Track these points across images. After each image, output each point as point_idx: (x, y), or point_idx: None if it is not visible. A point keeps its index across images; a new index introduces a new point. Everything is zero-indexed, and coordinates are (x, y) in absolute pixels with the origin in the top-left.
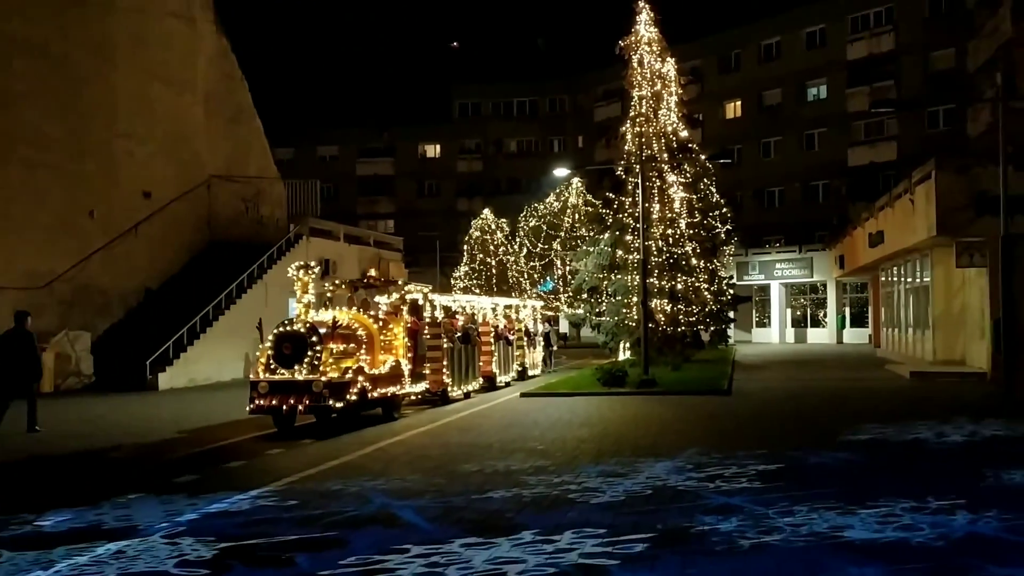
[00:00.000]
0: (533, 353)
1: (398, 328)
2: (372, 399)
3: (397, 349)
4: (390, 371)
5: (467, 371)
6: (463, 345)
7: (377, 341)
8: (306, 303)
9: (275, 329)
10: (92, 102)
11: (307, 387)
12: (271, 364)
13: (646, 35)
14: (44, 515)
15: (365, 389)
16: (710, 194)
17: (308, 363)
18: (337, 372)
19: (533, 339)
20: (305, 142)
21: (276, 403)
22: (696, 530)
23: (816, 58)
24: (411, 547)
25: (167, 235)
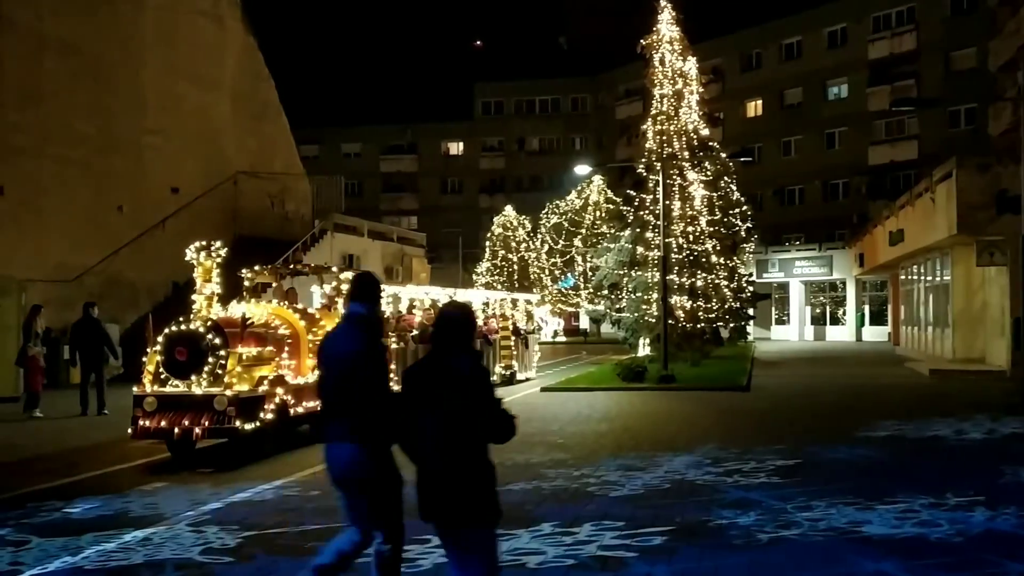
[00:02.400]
0: (526, 354)
1: (332, 325)
2: (296, 416)
3: None
4: None
5: None
6: (420, 346)
7: (304, 342)
8: (209, 295)
9: (167, 328)
10: (121, 99)
11: (207, 404)
12: (161, 374)
13: (668, 34)
14: (73, 502)
15: (286, 404)
16: (730, 192)
17: (209, 372)
18: (248, 383)
19: (525, 338)
20: (330, 139)
21: (165, 425)
22: (714, 524)
23: (837, 57)
24: (431, 538)
25: (194, 230)
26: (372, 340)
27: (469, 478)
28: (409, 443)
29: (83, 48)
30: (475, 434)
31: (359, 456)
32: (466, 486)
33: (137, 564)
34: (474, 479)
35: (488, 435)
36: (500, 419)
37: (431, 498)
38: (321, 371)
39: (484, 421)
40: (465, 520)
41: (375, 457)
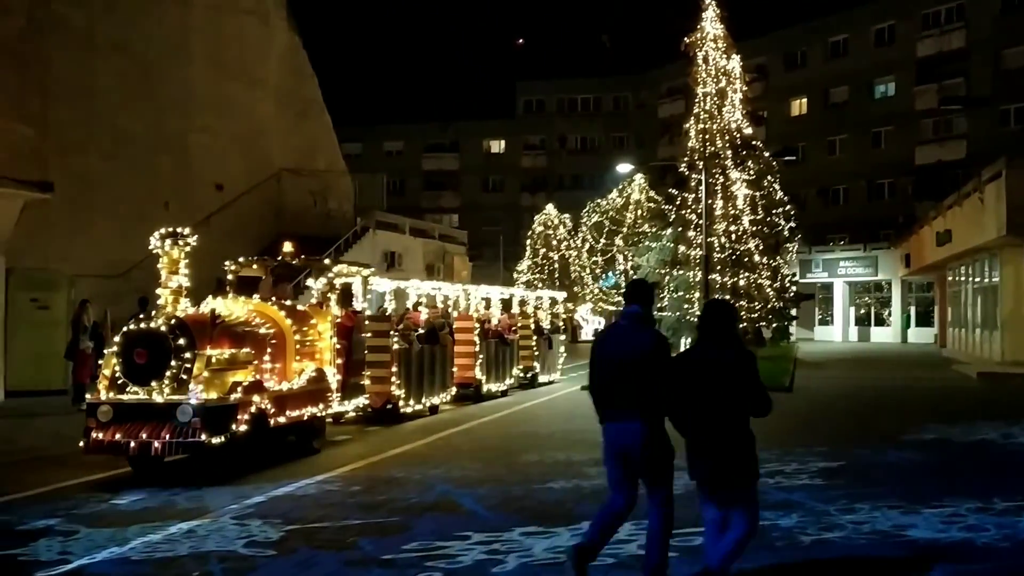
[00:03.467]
0: (548, 355)
1: (324, 324)
2: (277, 426)
3: (322, 353)
4: (309, 385)
5: (431, 379)
6: (426, 346)
7: (290, 343)
8: (175, 288)
9: (125, 327)
10: (168, 97)
11: (168, 413)
12: (119, 379)
13: (711, 32)
14: (120, 494)
15: (264, 413)
16: (774, 191)
17: (172, 378)
18: (218, 390)
19: (548, 338)
20: (372, 137)
21: (122, 437)
22: None
23: (884, 55)
24: (472, 534)
25: (238, 227)
26: (656, 335)
27: (735, 446)
28: (680, 419)
29: (132, 47)
30: (740, 411)
31: (642, 433)
32: (733, 452)
33: (182, 556)
34: (739, 447)
35: (751, 411)
36: (761, 398)
37: (703, 464)
38: (597, 363)
39: (748, 400)
40: (731, 480)
41: (654, 434)
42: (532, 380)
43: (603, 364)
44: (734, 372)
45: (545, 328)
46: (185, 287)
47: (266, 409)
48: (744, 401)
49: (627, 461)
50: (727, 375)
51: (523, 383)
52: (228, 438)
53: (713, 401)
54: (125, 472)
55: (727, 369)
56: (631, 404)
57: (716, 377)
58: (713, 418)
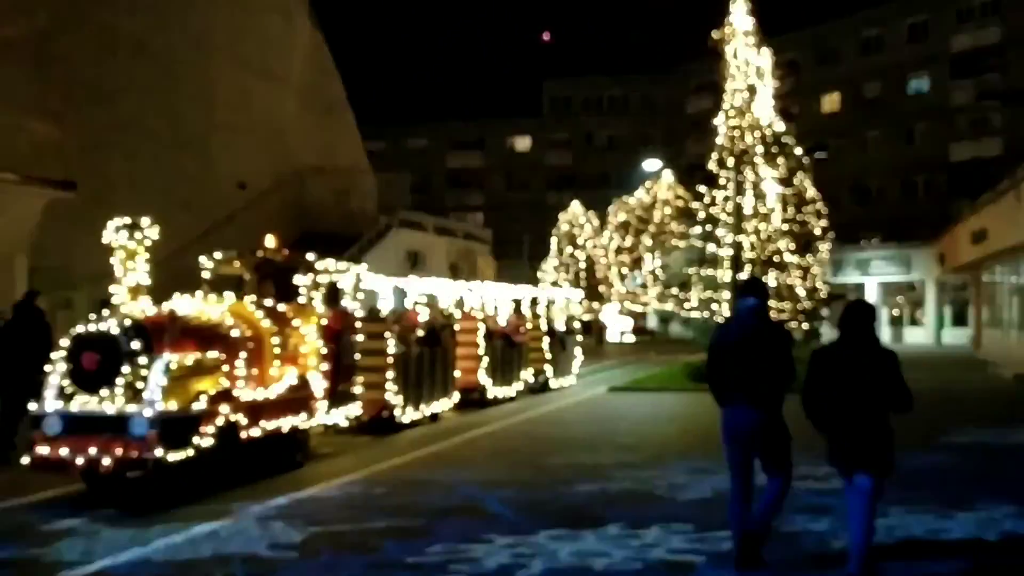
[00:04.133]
0: (562, 358)
1: (308, 326)
2: (251, 440)
3: (306, 358)
4: (290, 393)
5: (431, 385)
6: (426, 348)
7: (268, 347)
8: (134, 286)
9: (73, 328)
10: (191, 95)
11: (120, 426)
12: (67, 387)
13: (741, 27)
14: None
15: (235, 425)
16: (805, 189)
17: (125, 386)
18: (179, 399)
19: (562, 340)
20: (395, 135)
21: (68, 453)
22: (786, 529)
23: (918, 50)
24: (496, 537)
25: (261, 225)
26: (771, 326)
27: (875, 437)
28: (816, 411)
29: (155, 45)
30: (880, 405)
31: (758, 418)
32: (872, 442)
33: (204, 558)
34: (879, 438)
35: (892, 406)
36: (902, 394)
37: (843, 451)
38: (716, 352)
39: (889, 395)
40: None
41: (772, 419)
42: (544, 385)
43: (721, 353)
44: (876, 369)
45: (558, 329)
46: (143, 284)
47: (238, 421)
48: (885, 396)
49: (744, 444)
50: (869, 372)
51: (533, 388)
52: (190, 453)
53: (855, 395)
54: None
55: (869, 366)
56: (747, 390)
57: (858, 373)
58: (855, 411)
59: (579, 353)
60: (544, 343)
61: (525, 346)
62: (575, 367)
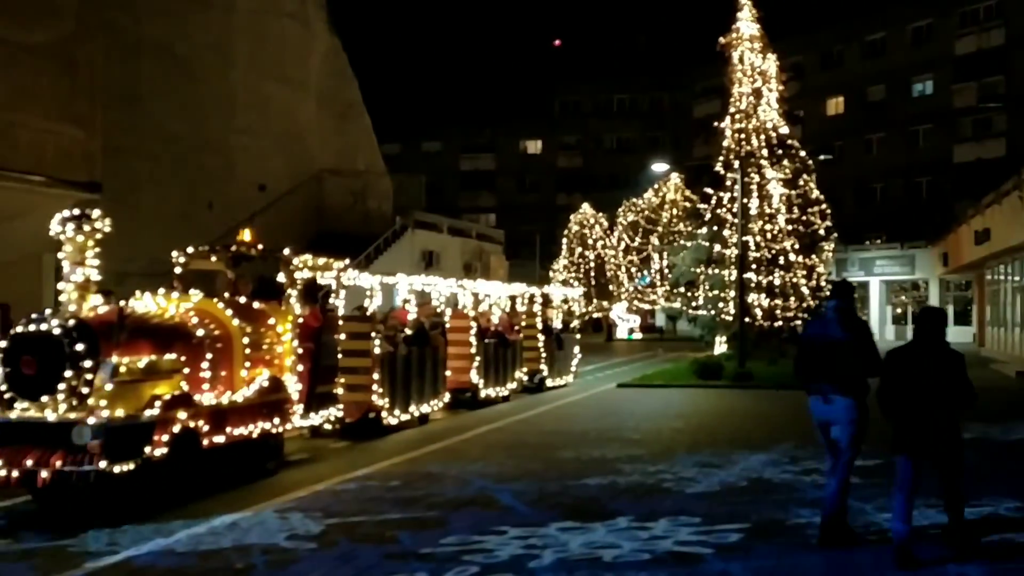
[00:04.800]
0: (559, 356)
1: (284, 325)
2: (214, 447)
3: (281, 359)
4: (261, 396)
5: (420, 385)
6: (414, 348)
7: (238, 348)
8: (81, 283)
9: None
10: (212, 99)
11: (62, 435)
12: (5, 392)
13: (747, 31)
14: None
15: (195, 433)
16: (810, 190)
17: (68, 391)
18: (129, 405)
19: (559, 338)
20: (411, 138)
21: (2, 465)
22: (792, 522)
23: (922, 53)
24: (508, 529)
25: (280, 226)
26: (853, 324)
27: (944, 427)
28: (889, 403)
29: (177, 50)
30: (947, 400)
31: (843, 407)
32: (941, 432)
33: (225, 548)
34: (947, 429)
35: (959, 401)
36: (967, 391)
37: (913, 439)
38: (804, 347)
39: (956, 392)
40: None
41: (856, 407)
42: (539, 384)
43: (808, 348)
44: (943, 368)
45: (555, 327)
46: (93, 280)
47: (198, 427)
48: (951, 392)
49: (828, 429)
50: (937, 370)
51: (529, 388)
52: (139, 464)
53: (925, 391)
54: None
55: (937, 365)
56: (829, 381)
57: (928, 371)
58: (925, 405)
59: (577, 352)
60: (539, 341)
61: (519, 344)
62: (573, 366)
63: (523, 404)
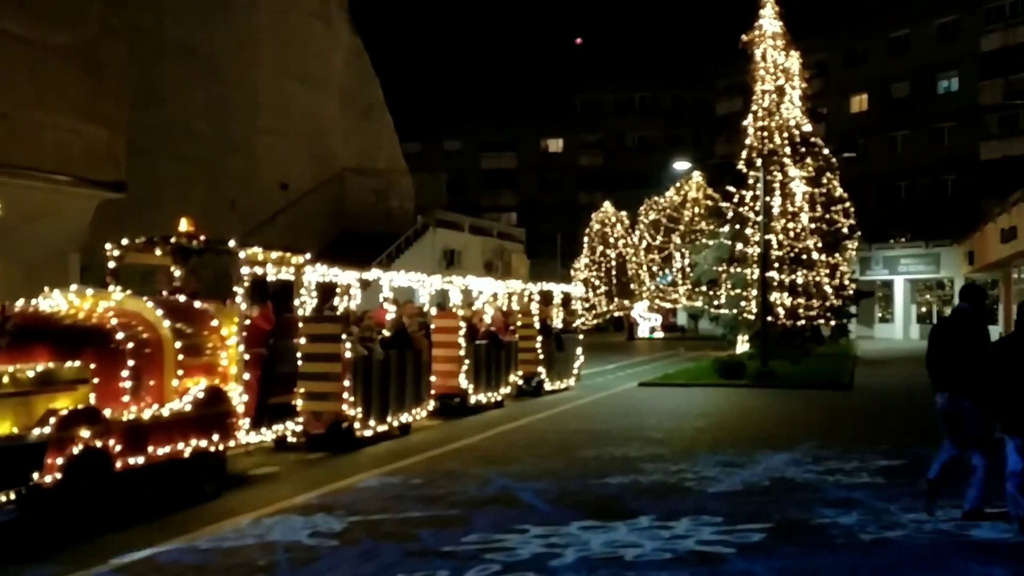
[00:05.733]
0: (559, 359)
1: (229, 327)
2: (130, 468)
3: (225, 366)
4: (196, 409)
5: (400, 392)
6: (393, 351)
7: (169, 353)
8: None
9: None
10: (235, 99)
11: None
12: None
13: (770, 29)
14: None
15: (104, 452)
16: (833, 188)
17: None
18: (15, 422)
19: (558, 339)
20: (432, 137)
21: None
22: (815, 522)
23: (948, 50)
24: (530, 527)
25: (302, 225)
26: (973, 327)
27: None
28: (996, 391)
29: (200, 50)
30: None
31: (957, 401)
32: None
33: (249, 545)
34: None
35: None
36: None
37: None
38: (930, 346)
39: None
40: None
41: (967, 401)
42: (537, 388)
43: (932, 347)
44: None
45: (556, 326)
46: None
47: (107, 447)
48: None
49: (949, 422)
50: None
51: (525, 392)
52: (24, 491)
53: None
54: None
55: None
56: (950, 378)
57: None
58: None
59: (580, 353)
60: (536, 342)
61: (514, 346)
62: (575, 369)
63: (517, 410)
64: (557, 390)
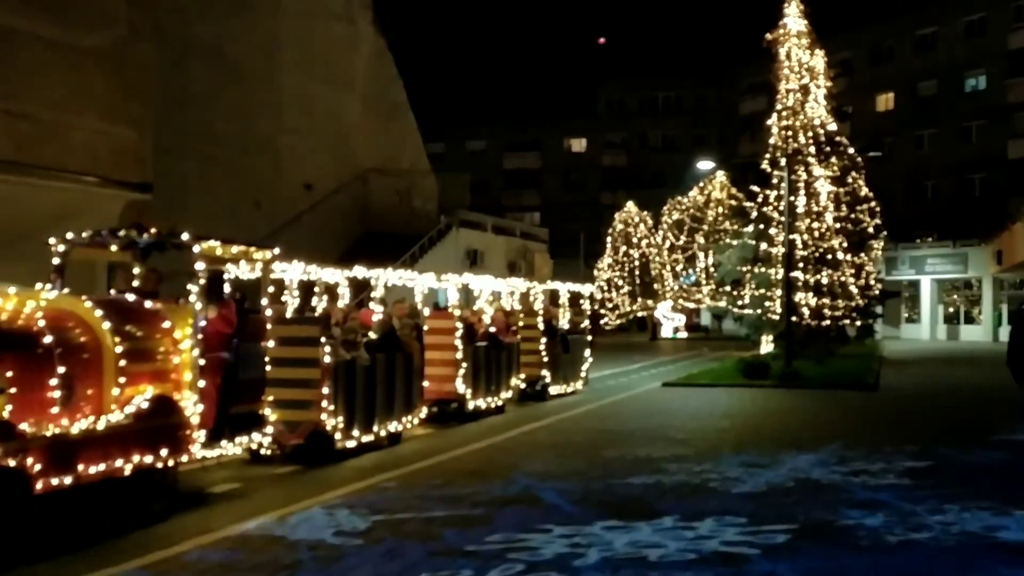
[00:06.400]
0: (565, 361)
1: (184, 330)
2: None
3: (178, 372)
4: (140, 421)
5: (388, 399)
6: (381, 355)
7: (109, 359)
8: None
9: None
10: (260, 101)
11: None
12: None
13: (794, 27)
14: (215, 484)
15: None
16: (858, 188)
17: None
18: None
19: (564, 340)
20: (455, 136)
21: None
22: (840, 524)
23: (975, 48)
24: (553, 527)
25: (326, 225)
26: None
27: None
28: None
29: (225, 52)
30: None
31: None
32: None
33: (273, 543)
34: None
35: None
36: None
37: None
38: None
39: None
40: None
41: None
42: (541, 392)
43: (1012, 341)
44: None
45: (562, 327)
46: None
47: (23, 465)
48: None
49: None
50: None
51: (529, 396)
52: None
53: None
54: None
55: None
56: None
57: None
58: None
59: (588, 355)
60: (540, 344)
61: (516, 347)
62: (583, 371)
63: (519, 416)
64: (563, 394)
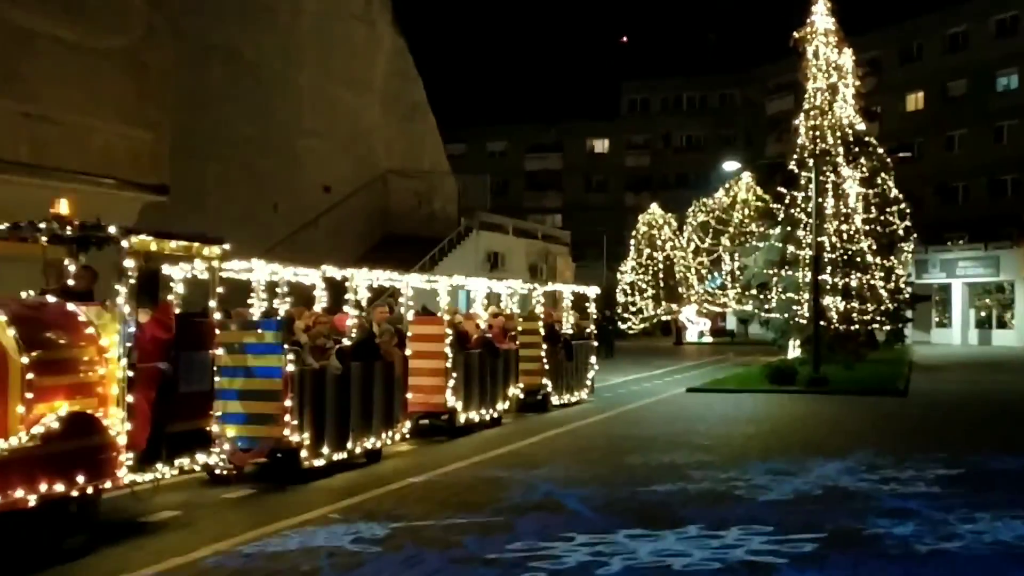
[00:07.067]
0: (567, 369)
1: (111, 336)
2: None
3: (104, 385)
4: (48, 444)
5: (365, 413)
6: (357, 364)
7: (14, 371)
8: None
9: None
10: (279, 103)
11: None
12: None
13: (822, 25)
14: (229, 488)
15: None
16: (888, 189)
17: None
18: None
19: (568, 346)
20: (475, 138)
21: None
22: (869, 532)
23: (1007, 46)
24: (576, 535)
25: (345, 227)
26: None
27: None
28: None
29: (245, 54)
30: None
31: None
32: None
33: (292, 550)
34: None
35: None
36: None
37: None
38: None
39: None
40: None
41: None
42: (543, 403)
43: None
44: None
45: (565, 332)
46: None
47: None
48: None
49: None
50: None
51: (529, 407)
52: None
53: None
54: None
55: None
56: None
57: None
58: None
59: (594, 362)
60: (541, 351)
61: (514, 355)
62: (588, 379)
63: (515, 430)
64: (567, 404)
